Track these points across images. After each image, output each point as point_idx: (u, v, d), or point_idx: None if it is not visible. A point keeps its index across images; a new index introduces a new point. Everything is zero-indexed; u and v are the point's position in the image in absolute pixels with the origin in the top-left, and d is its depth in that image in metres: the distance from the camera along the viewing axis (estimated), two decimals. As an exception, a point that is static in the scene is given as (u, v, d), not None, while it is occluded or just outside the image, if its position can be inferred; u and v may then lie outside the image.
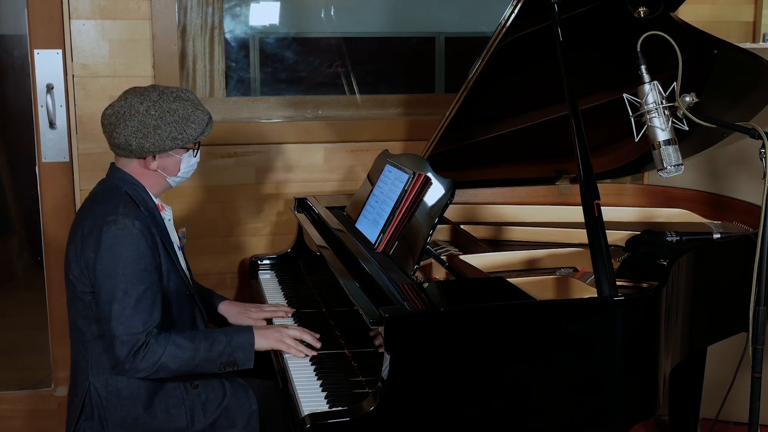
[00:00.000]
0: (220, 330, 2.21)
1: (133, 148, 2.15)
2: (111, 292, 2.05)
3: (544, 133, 2.84)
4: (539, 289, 2.19)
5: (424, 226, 2.22)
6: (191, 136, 2.18)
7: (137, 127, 2.13)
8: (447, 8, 4.23)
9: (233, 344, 2.15)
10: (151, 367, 2.06)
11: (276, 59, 3.94)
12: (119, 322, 2.04)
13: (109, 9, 2.99)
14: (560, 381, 1.92)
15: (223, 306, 2.53)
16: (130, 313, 2.04)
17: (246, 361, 2.16)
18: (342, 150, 3.31)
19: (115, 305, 2.05)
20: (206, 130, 2.21)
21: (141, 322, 2.05)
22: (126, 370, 2.07)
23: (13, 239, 4.15)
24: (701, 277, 2.32)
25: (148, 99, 2.15)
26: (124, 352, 2.04)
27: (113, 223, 2.07)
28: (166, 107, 2.15)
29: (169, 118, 2.14)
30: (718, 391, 2.62)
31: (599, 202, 2.01)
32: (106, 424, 2.15)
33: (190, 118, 2.17)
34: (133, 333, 2.04)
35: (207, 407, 2.19)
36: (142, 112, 2.13)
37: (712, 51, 2.54)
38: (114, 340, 2.05)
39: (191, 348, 2.10)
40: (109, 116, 2.17)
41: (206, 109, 2.23)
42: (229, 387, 2.22)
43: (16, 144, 3.85)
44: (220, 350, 2.13)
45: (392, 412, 1.83)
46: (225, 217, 3.25)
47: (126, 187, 2.18)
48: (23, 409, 3.20)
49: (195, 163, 2.28)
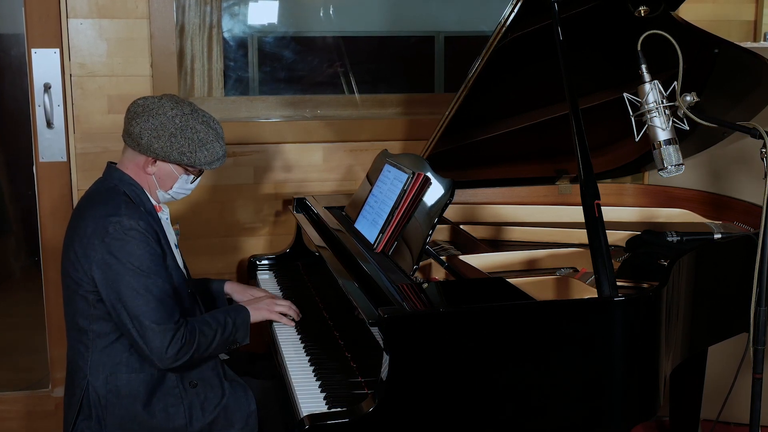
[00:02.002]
0: (222, 312, 2.28)
1: (143, 143, 2.16)
2: (132, 290, 2.06)
3: (544, 132, 2.83)
4: (539, 290, 2.18)
5: (424, 226, 2.21)
6: (199, 160, 2.19)
7: (156, 126, 2.15)
8: (446, 7, 4.23)
9: (237, 324, 2.24)
10: (187, 353, 2.10)
11: (274, 58, 3.94)
12: (148, 315, 2.06)
13: (107, 8, 2.98)
14: (560, 382, 1.91)
15: (228, 286, 2.57)
16: (156, 305, 2.07)
17: (244, 338, 2.26)
18: (341, 150, 3.30)
19: (139, 301, 2.06)
20: (215, 163, 2.23)
21: (169, 313, 2.09)
22: (165, 359, 2.07)
23: (11, 239, 4.14)
24: (702, 278, 2.31)
25: (180, 109, 2.18)
26: (164, 342, 2.06)
27: (118, 224, 2.08)
28: (191, 124, 2.18)
29: (188, 134, 2.17)
30: (718, 392, 2.61)
31: (599, 202, 2.00)
32: (105, 424, 2.14)
33: (206, 145, 2.19)
34: (166, 323, 2.07)
35: (205, 406, 2.18)
36: (168, 115, 2.16)
37: (713, 50, 2.53)
38: (146, 332, 2.06)
39: (211, 333, 2.16)
40: (138, 105, 2.19)
41: (225, 147, 2.25)
42: (227, 387, 2.22)
43: (13, 143, 3.84)
44: (230, 331, 2.21)
45: (391, 413, 1.82)
46: (223, 217, 3.24)
47: (124, 188, 2.18)
48: (20, 410, 3.19)
49: (188, 190, 2.29)
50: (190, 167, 2.22)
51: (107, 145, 3.01)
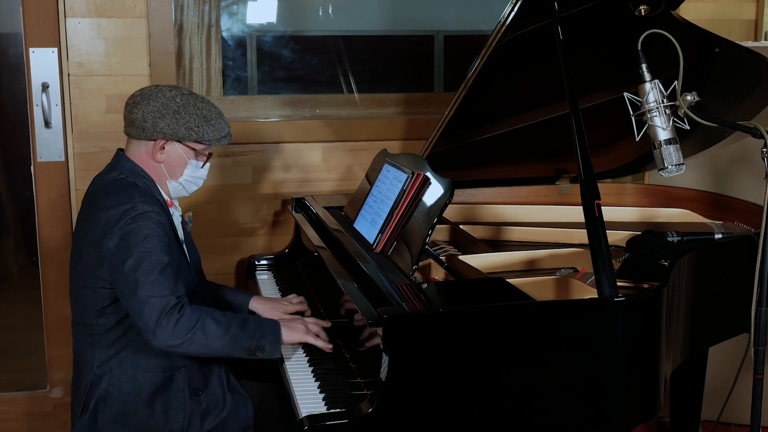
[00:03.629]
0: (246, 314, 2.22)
1: (147, 126, 2.15)
2: (135, 263, 2.01)
3: (544, 132, 2.83)
4: (539, 290, 2.18)
5: (423, 226, 2.21)
6: (207, 134, 2.18)
7: (158, 108, 2.15)
8: (446, 6, 4.22)
9: (263, 328, 2.11)
10: (185, 333, 1.98)
11: (273, 58, 3.93)
12: (145, 288, 1.99)
13: (105, 7, 2.97)
14: (560, 382, 1.91)
15: (254, 302, 2.48)
16: (156, 279, 2.00)
17: (273, 350, 2.11)
18: (340, 149, 3.29)
19: (139, 273, 2.00)
20: (222, 140, 2.22)
21: (169, 287, 2.02)
22: (157, 337, 1.98)
23: (8, 239, 4.13)
24: (703, 278, 2.30)
25: (179, 91, 2.19)
26: (154, 316, 1.98)
27: (132, 210, 2.06)
28: (192, 102, 2.19)
29: (192, 110, 2.17)
30: (719, 393, 2.60)
31: (600, 202, 2.00)
32: (102, 417, 2.13)
33: (211, 121, 2.19)
34: (164, 295, 1.99)
35: (205, 417, 2.17)
36: (168, 96, 2.17)
37: (713, 49, 2.52)
38: (141, 306, 1.98)
39: (225, 321, 2.05)
40: (136, 95, 2.20)
41: (229, 125, 2.25)
42: (229, 399, 2.20)
43: (11, 143, 3.84)
44: (252, 330, 2.08)
45: (391, 414, 1.82)
46: (222, 217, 3.23)
47: (136, 180, 2.17)
48: (18, 411, 3.18)
49: (199, 178, 2.27)
50: (198, 145, 2.20)
51: (105, 145, 3.00)
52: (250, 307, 2.47)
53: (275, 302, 2.50)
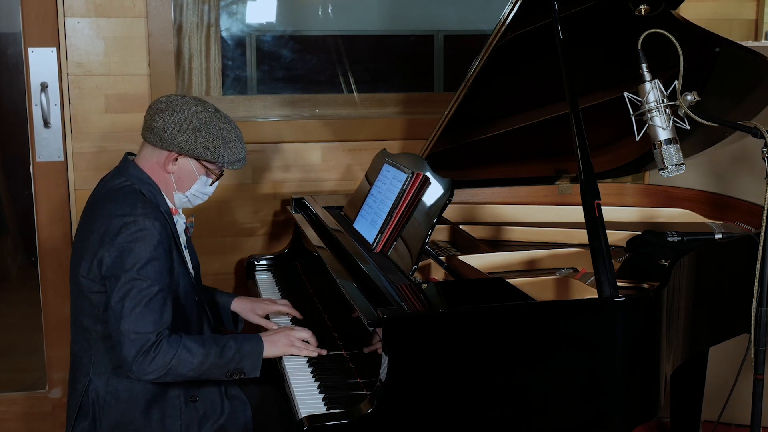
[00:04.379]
0: (230, 336, 2.17)
1: (166, 136, 2.14)
2: (124, 291, 2.02)
3: (544, 132, 2.82)
4: (539, 290, 2.18)
5: (423, 226, 2.20)
6: (222, 157, 2.19)
7: (180, 120, 2.15)
8: (446, 6, 4.22)
9: (242, 351, 2.11)
10: (160, 370, 2.01)
11: (273, 57, 3.93)
12: (129, 321, 2.00)
13: (104, 6, 2.96)
14: (560, 383, 1.90)
15: (236, 303, 2.50)
16: (141, 312, 2.01)
17: (253, 370, 2.13)
18: (340, 149, 3.29)
19: (126, 302, 2.01)
20: (237, 164, 2.23)
21: (152, 322, 2.02)
22: (133, 372, 2.01)
23: (7, 239, 4.12)
24: (703, 278, 2.30)
25: (204, 106, 2.20)
26: (132, 352, 2.00)
27: (133, 224, 2.06)
28: (216, 121, 2.19)
29: (213, 130, 2.17)
30: (720, 393, 2.60)
31: (600, 202, 1.99)
32: (100, 424, 2.13)
33: (229, 144, 2.20)
34: (143, 332, 2.00)
35: (202, 423, 2.17)
36: (193, 110, 2.17)
37: (713, 49, 2.52)
38: (122, 338, 2.00)
39: (201, 353, 2.05)
40: (161, 101, 2.20)
41: (246, 150, 2.26)
42: (228, 406, 2.20)
43: (10, 143, 3.83)
44: (230, 357, 2.09)
45: (390, 415, 1.81)
46: (221, 217, 3.22)
47: (141, 187, 2.17)
48: (17, 411, 3.17)
49: (205, 195, 2.28)
50: (211, 165, 2.21)
51: (104, 145, 3.00)
52: (232, 308, 2.49)
53: (256, 303, 2.51)
